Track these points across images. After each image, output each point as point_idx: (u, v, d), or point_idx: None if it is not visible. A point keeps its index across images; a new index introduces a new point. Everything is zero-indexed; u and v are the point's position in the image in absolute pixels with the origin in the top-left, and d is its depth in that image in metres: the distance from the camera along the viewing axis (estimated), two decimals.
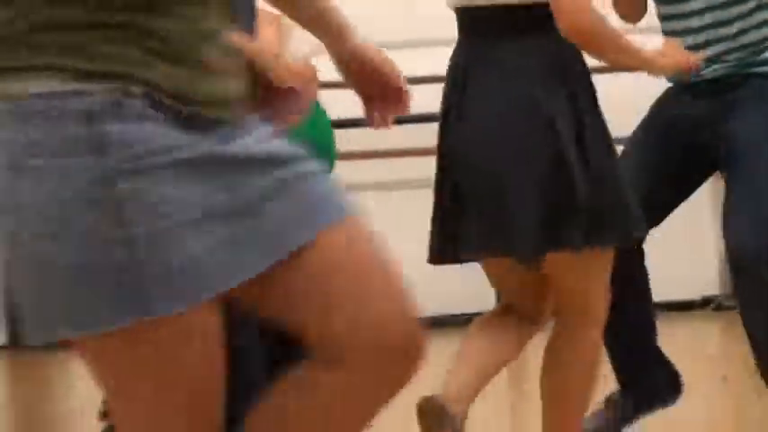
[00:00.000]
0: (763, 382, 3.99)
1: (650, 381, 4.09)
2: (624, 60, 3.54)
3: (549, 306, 3.57)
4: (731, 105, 3.86)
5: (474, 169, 3.34)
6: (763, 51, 3.92)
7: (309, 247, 1.62)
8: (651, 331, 4.09)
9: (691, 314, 7.94)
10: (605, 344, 3.79)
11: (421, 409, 3.37)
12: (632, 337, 4.06)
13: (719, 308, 7.89)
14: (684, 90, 3.91)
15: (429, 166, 3.80)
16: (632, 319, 4.01)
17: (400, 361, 1.70)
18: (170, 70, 1.52)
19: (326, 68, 2.36)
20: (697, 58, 3.57)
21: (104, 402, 4.23)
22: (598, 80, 3.52)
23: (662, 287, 4.65)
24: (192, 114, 1.54)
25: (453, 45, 3.54)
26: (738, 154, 3.81)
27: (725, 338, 7.45)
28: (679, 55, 3.54)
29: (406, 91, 2.09)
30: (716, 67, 3.86)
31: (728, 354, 6.37)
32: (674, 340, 5.12)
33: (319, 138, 5.56)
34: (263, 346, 2.70)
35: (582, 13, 3.20)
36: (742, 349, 4.25)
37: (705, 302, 8.18)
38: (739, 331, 4.07)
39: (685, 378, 4.16)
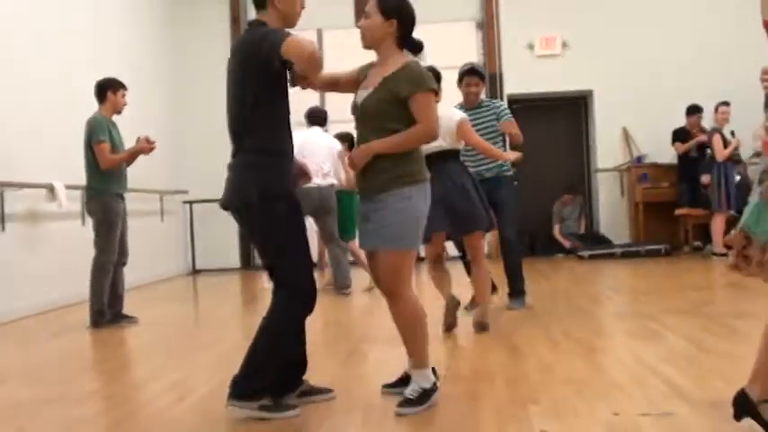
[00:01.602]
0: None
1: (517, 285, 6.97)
2: (493, 154, 6.18)
3: None
4: (495, 186, 6.62)
5: None
6: (502, 166, 6.80)
7: None
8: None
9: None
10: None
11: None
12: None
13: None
14: (480, 180, 6.29)
15: None
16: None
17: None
18: None
19: None
20: (514, 157, 6.27)
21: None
22: None
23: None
24: None
25: None
26: (500, 205, 6.59)
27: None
28: (509, 154, 6.29)
29: None
30: (488, 172, 6.77)
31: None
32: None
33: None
34: None
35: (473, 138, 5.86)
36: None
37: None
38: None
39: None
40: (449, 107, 5.91)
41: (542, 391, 3.96)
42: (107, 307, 6.98)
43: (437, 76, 5.54)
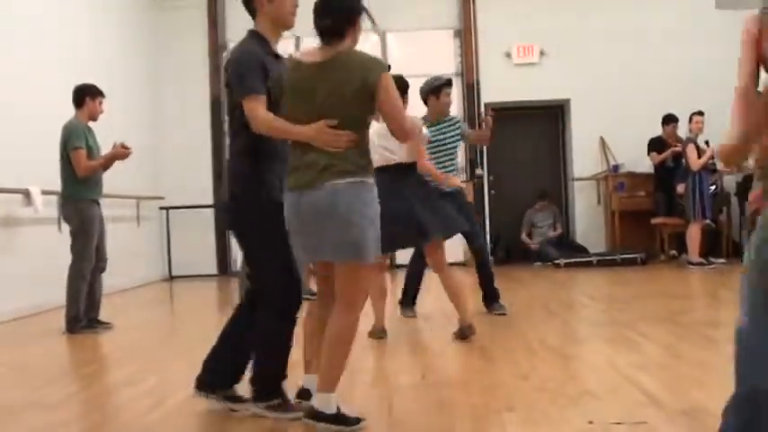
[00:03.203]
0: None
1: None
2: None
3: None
4: (454, 199, 6.55)
5: None
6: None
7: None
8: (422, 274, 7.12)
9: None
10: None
11: None
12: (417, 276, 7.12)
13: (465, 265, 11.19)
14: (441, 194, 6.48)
15: None
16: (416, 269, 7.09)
17: None
18: None
19: None
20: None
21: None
22: None
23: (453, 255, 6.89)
24: None
25: None
26: (467, 215, 6.58)
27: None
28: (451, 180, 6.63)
29: None
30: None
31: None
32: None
33: None
34: None
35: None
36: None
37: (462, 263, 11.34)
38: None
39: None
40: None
41: (517, 398, 3.97)
42: (83, 313, 6.93)
43: (405, 84, 5.45)
